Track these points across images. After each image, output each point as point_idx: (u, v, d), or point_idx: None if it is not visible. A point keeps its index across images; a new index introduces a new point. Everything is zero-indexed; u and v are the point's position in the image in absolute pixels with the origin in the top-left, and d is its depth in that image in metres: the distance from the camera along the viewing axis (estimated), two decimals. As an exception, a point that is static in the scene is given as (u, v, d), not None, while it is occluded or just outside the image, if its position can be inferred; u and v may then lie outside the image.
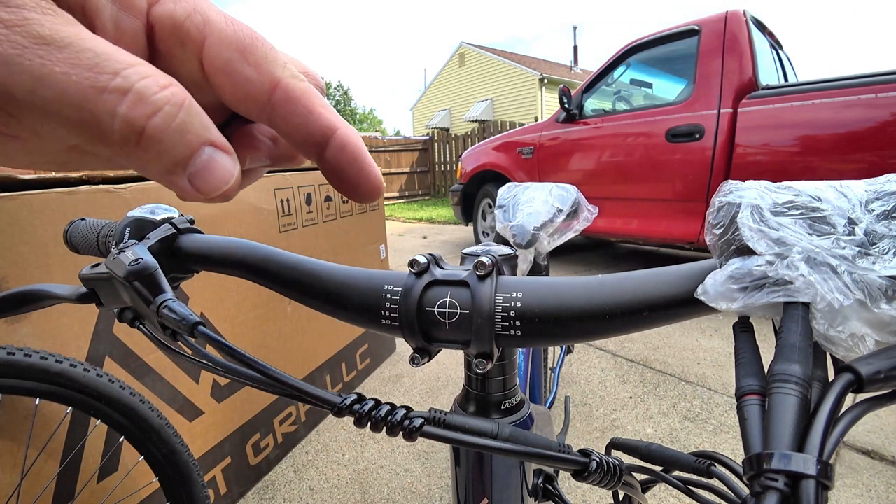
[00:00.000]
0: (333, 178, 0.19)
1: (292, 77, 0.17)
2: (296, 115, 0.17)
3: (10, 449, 0.66)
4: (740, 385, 0.15)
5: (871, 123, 1.81)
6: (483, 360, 0.22)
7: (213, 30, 0.16)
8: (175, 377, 0.94)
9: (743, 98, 2.21)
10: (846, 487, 1.08)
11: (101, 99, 0.13)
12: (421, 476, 1.20)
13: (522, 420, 0.30)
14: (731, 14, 2.33)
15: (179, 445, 0.73)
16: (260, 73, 0.16)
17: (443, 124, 17.08)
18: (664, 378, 1.66)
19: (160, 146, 0.14)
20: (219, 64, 0.16)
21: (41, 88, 0.13)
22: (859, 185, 0.16)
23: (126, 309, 0.28)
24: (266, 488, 1.17)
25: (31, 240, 0.70)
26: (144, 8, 0.15)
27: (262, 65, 0.16)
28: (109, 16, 0.15)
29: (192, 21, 0.16)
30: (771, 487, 0.11)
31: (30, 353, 0.59)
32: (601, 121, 2.87)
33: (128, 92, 0.13)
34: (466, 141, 8.88)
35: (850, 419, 0.13)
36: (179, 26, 0.16)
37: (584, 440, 1.32)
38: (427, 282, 0.23)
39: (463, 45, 17.22)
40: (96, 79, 0.13)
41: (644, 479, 0.28)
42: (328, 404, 0.21)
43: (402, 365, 1.84)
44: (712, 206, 0.18)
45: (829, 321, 0.14)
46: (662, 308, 0.19)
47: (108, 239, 0.32)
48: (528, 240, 0.62)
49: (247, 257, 0.28)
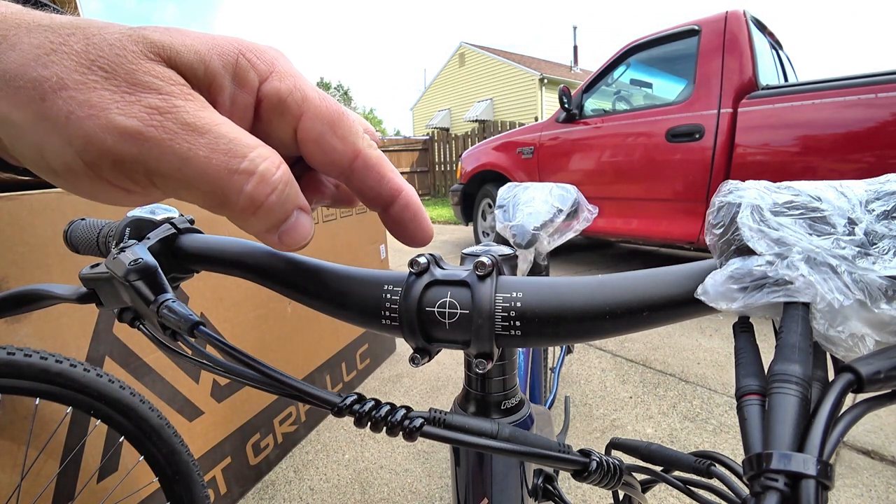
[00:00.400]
0: (394, 229, 0.22)
1: (369, 147, 0.20)
2: (370, 178, 0.20)
3: (10, 449, 0.66)
4: (740, 385, 0.15)
5: (871, 123, 1.81)
6: (483, 360, 0.22)
7: (309, 106, 0.19)
8: (175, 377, 0.94)
9: (743, 98, 2.21)
10: (846, 487, 1.08)
11: (233, 179, 0.16)
12: (421, 476, 1.20)
13: (522, 420, 0.30)
14: (731, 14, 2.33)
15: (179, 445, 0.73)
16: (345, 144, 0.19)
17: (443, 124, 17.08)
18: (664, 378, 1.66)
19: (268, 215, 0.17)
20: (312, 135, 0.19)
21: (186, 168, 0.16)
22: (859, 185, 0.16)
23: (126, 309, 0.28)
24: (266, 488, 1.17)
25: (31, 240, 0.70)
26: (256, 86, 0.18)
27: (347, 137, 0.19)
28: (228, 94, 0.18)
29: (293, 97, 0.18)
30: (771, 487, 0.11)
31: (30, 353, 0.59)
32: (601, 121, 2.87)
33: (253, 174, 0.16)
34: (466, 141, 8.88)
35: (850, 419, 0.13)
36: (283, 101, 0.18)
37: (584, 440, 1.32)
38: (427, 282, 0.23)
39: (463, 45, 17.22)
40: (229, 162, 0.16)
41: (644, 479, 0.28)
42: (328, 404, 0.21)
43: (402, 365, 1.84)
44: (712, 206, 0.18)
45: (829, 321, 0.14)
46: (662, 308, 0.19)
47: (108, 239, 0.32)
48: (528, 240, 0.62)
49: (247, 257, 0.28)
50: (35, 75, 0.15)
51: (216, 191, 0.16)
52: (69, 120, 0.15)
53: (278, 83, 0.18)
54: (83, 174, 0.16)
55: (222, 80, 0.17)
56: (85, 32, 0.15)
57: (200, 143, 0.16)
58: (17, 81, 0.15)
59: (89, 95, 0.15)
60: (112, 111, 0.15)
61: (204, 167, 0.16)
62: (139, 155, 0.15)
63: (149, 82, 0.15)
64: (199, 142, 0.16)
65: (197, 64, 0.17)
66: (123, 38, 0.16)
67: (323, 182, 0.24)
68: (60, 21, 0.16)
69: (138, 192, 0.17)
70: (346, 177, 0.20)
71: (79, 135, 0.15)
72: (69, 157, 0.15)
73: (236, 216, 0.17)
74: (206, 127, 0.16)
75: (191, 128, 0.16)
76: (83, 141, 0.15)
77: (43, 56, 0.15)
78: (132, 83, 0.15)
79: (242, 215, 0.17)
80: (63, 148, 0.15)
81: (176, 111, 0.15)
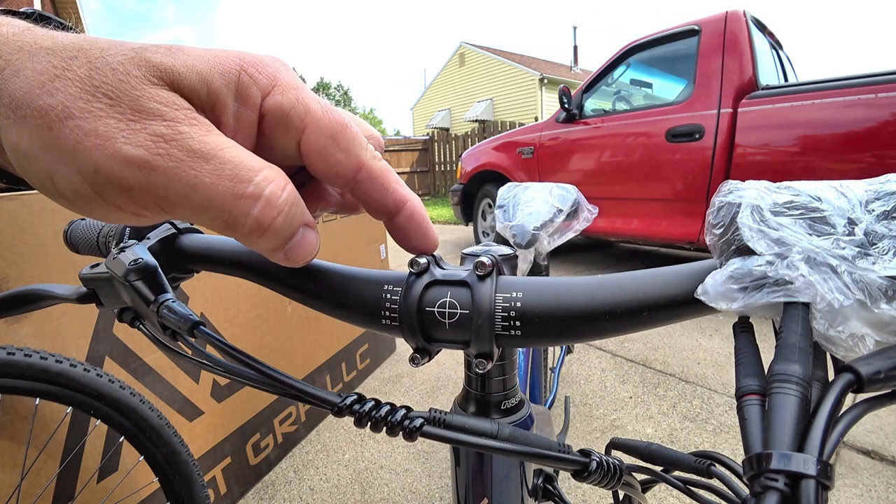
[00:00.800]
0: (399, 237, 0.23)
1: (373, 158, 0.20)
2: (374, 190, 0.20)
3: (10, 449, 0.66)
4: (740, 385, 0.15)
5: (871, 123, 1.81)
6: (483, 360, 0.22)
7: (312, 119, 0.18)
8: (175, 377, 0.94)
9: (743, 98, 2.21)
10: (846, 487, 1.08)
11: (239, 203, 0.16)
12: (421, 476, 1.20)
13: (522, 420, 0.30)
14: (731, 14, 2.33)
15: (179, 445, 0.73)
16: (348, 156, 0.19)
17: (443, 124, 17.08)
18: (664, 378, 1.66)
19: (275, 236, 0.18)
20: (315, 148, 0.19)
21: (193, 194, 0.16)
22: (859, 185, 0.16)
23: (126, 309, 0.28)
24: (266, 488, 1.17)
25: (31, 240, 0.70)
26: (259, 101, 0.18)
27: (350, 150, 0.19)
28: (232, 112, 0.18)
29: (296, 111, 0.18)
30: (771, 487, 0.11)
31: (30, 353, 0.59)
32: (601, 121, 2.87)
33: (259, 198, 0.17)
34: (466, 141, 8.88)
35: (850, 419, 0.13)
36: (285, 115, 0.18)
37: (584, 440, 1.32)
38: (427, 282, 0.23)
39: (463, 45, 17.22)
40: (235, 188, 0.16)
41: (644, 479, 0.28)
42: (328, 404, 0.21)
43: (402, 365, 1.84)
44: (712, 206, 0.18)
45: (829, 321, 0.14)
46: (662, 308, 0.19)
47: (108, 239, 0.32)
48: (528, 240, 0.62)
49: (247, 257, 0.28)
50: (41, 104, 0.15)
51: (223, 215, 0.16)
52: (77, 150, 0.15)
53: (280, 97, 0.18)
54: (93, 200, 0.16)
55: (225, 100, 0.17)
56: (87, 56, 0.15)
57: (206, 169, 0.16)
58: (23, 110, 0.15)
59: (95, 124, 0.15)
60: (118, 140, 0.15)
61: (211, 193, 0.16)
62: (147, 183, 0.15)
63: (153, 109, 0.15)
64: (204, 168, 0.16)
65: (199, 85, 0.17)
66: (126, 61, 0.16)
67: (327, 190, 0.24)
68: (62, 42, 0.16)
69: (147, 215, 0.17)
70: (350, 188, 0.20)
71: (87, 164, 0.15)
72: (78, 184, 0.16)
73: (244, 238, 0.17)
74: (212, 153, 0.16)
75: (196, 154, 0.16)
76: (91, 170, 0.15)
77: (47, 83, 0.15)
78: (137, 110, 0.15)
79: (250, 237, 0.17)
80: (72, 176, 0.15)
81: (181, 138, 0.16)
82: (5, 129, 0.15)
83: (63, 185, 0.16)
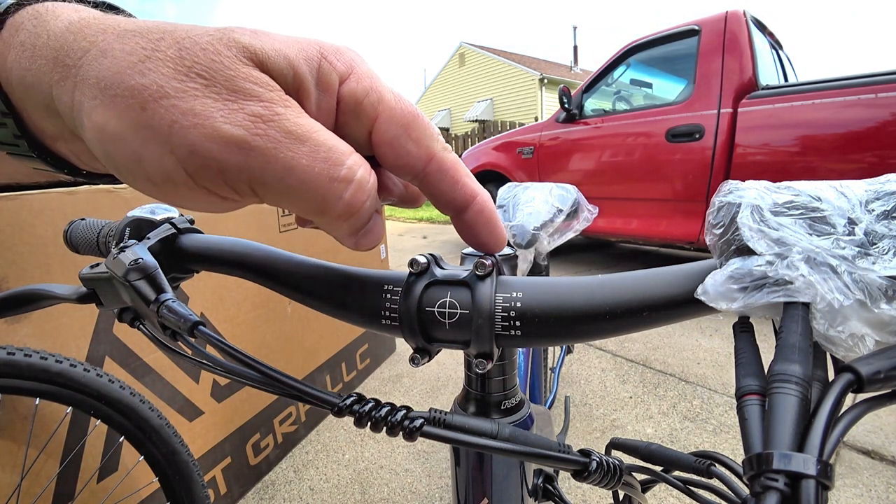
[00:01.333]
0: (466, 234, 0.22)
1: (444, 150, 0.20)
2: (444, 183, 0.20)
3: (10, 449, 0.66)
4: (740, 385, 0.15)
5: (871, 123, 1.81)
6: (483, 360, 0.22)
7: (384, 108, 0.18)
8: (175, 377, 0.94)
9: (743, 98, 2.21)
10: (846, 487, 1.08)
11: (332, 186, 0.16)
12: (421, 476, 1.20)
13: (522, 420, 0.30)
14: (731, 14, 2.33)
15: (179, 445, 0.73)
16: (419, 147, 0.19)
17: (443, 124, 17.09)
18: (664, 378, 1.66)
19: (358, 220, 0.18)
20: (387, 138, 0.19)
21: (289, 177, 0.16)
22: (859, 185, 0.16)
23: (126, 309, 0.28)
24: (266, 488, 1.17)
25: (31, 240, 0.70)
26: (336, 88, 0.18)
27: (421, 140, 0.19)
28: (314, 99, 0.18)
29: (370, 99, 0.18)
30: (771, 487, 0.11)
31: (30, 353, 0.59)
32: (601, 121, 2.86)
33: (351, 181, 0.17)
34: (466, 141, 8.88)
35: (850, 419, 0.13)
36: (359, 103, 0.18)
37: (584, 440, 1.32)
38: (427, 282, 0.23)
39: (463, 45, 17.22)
40: (329, 170, 0.16)
41: (644, 479, 0.28)
42: (328, 404, 0.21)
43: (402, 365, 1.84)
44: (712, 206, 0.18)
45: (829, 321, 0.14)
46: (662, 308, 0.19)
47: (108, 239, 0.32)
48: (528, 240, 0.62)
49: (247, 257, 0.28)
50: (133, 83, 0.14)
51: (316, 198, 0.16)
52: (172, 129, 0.14)
53: (355, 85, 0.18)
54: (182, 183, 0.16)
55: (309, 85, 0.17)
56: (174, 36, 0.15)
57: (302, 151, 0.16)
58: (113, 90, 0.14)
59: (192, 104, 0.15)
60: (217, 120, 0.15)
61: (307, 176, 0.16)
62: (244, 164, 0.15)
63: (249, 89, 0.15)
64: (301, 150, 0.15)
65: (287, 69, 0.16)
66: (215, 41, 0.15)
67: (392, 180, 0.23)
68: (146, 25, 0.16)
69: (236, 199, 0.17)
70: (419, 180, 0.20)
71: (183, 144, 0.15)
72: (170, 166, 0.15)
73: (330, 221, 0.17)
74: (307, 135, 0.16)
75: (293, 136, 0.15)
76: (187, 150, 0.15)
77: (138, 63, 0.15)
78: (233, 90, 0.15)
79: (337, 220, 0.17)
80: (164, 157, 0.15)
81: (278, 119, 0.15)
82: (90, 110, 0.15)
83: (152, 167, 0.15)
